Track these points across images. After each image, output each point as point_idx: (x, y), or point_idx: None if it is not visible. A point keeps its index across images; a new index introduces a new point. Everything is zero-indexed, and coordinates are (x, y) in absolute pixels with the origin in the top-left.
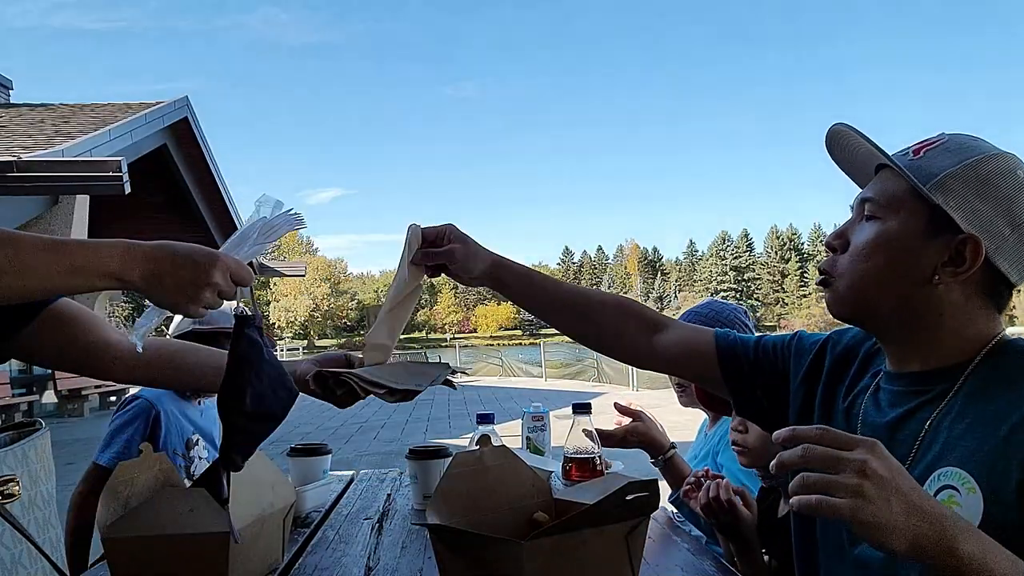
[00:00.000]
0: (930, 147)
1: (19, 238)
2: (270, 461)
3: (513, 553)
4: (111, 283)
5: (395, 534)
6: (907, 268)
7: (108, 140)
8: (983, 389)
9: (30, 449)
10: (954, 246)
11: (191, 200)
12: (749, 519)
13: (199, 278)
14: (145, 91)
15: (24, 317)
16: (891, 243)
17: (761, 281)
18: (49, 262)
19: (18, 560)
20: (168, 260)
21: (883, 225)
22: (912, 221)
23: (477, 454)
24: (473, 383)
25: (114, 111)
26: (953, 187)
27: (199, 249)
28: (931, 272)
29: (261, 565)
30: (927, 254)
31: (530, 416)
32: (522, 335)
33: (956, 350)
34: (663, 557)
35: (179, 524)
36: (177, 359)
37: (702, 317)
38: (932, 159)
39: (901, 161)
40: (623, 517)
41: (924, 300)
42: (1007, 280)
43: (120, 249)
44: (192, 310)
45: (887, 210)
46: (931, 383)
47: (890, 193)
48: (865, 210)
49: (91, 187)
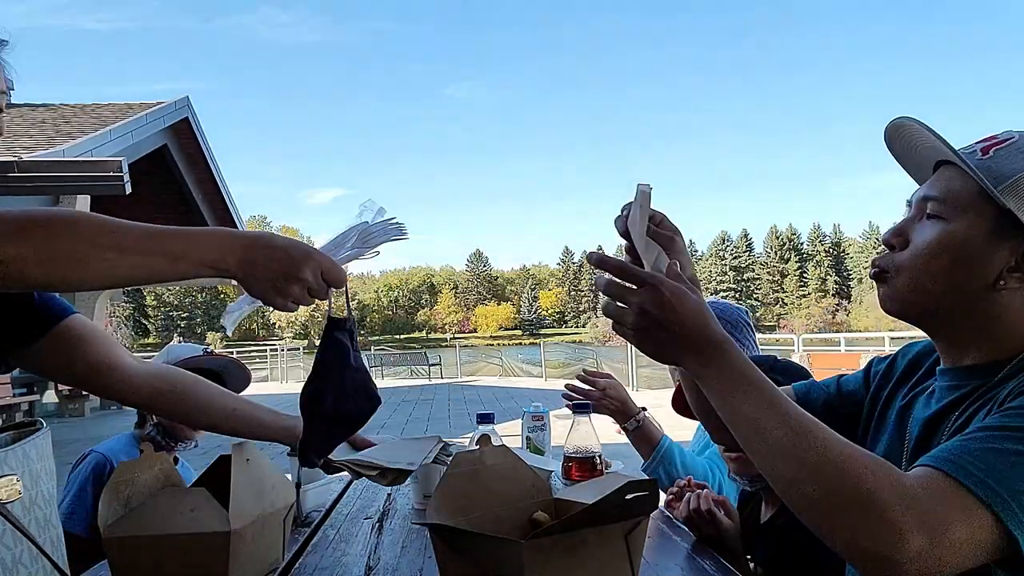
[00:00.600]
0: (1000, 146)
1: (125, 225)
2: (270, 461)
3: (513, 553)
4: (208, 271)
5: (395, 534)
6: (972, 272)
7: (109, 140)
8: (1010, 377)
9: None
10: (1020, 251)
11: (191, 200)
12: (732, 529)
13: (291, 272)
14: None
15: (38, 329)
16: (957, 245)
17: (761, 281)
18: (151, 248)
19: (19, 560)
20: (264, 249)
21: (948, 226)
22: (980, 223)
23: (477, 454)
24: (473, 383)
25: (115, 111)
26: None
27: (296, 244)
28: (996, 277)
29: (261, 565)
30: (993, 259)
31: (530, 416)
32: (522, 335)
33: (1008, 348)
34: (663, 557)
35: (179, 524)
36: (181, 391)
37: (719, 309)
38: (1003, 159)
39: (970, 159)
40: (623, 517)
41: (985, 304)
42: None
43: (219, 237)
44: (280, 303)
45: (952, 210)
46: (976, 378)
47: (956, 193)
48: (928, 208)
49: (92, 187)
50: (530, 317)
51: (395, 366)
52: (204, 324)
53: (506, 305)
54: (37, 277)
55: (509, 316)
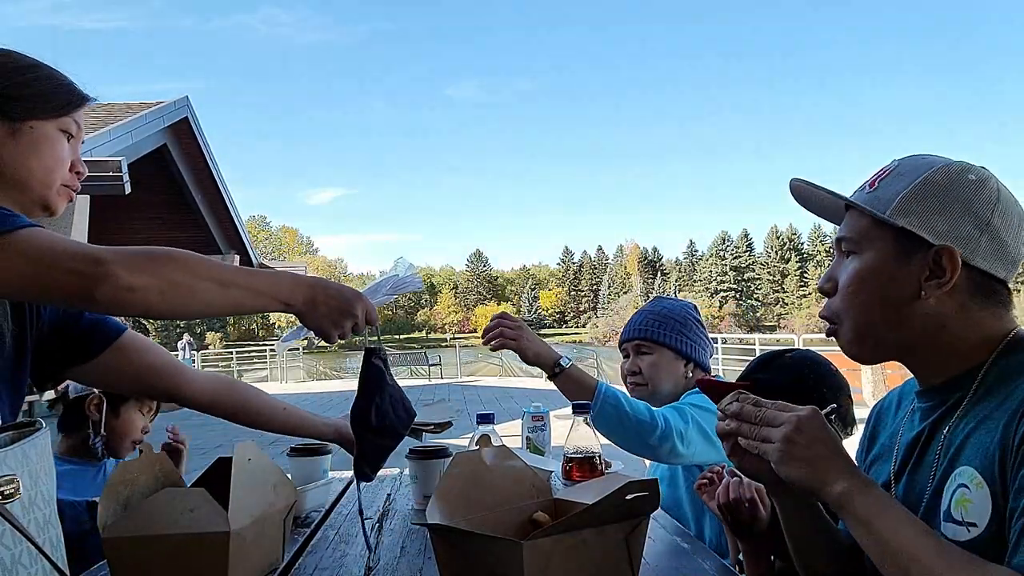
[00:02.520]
0: (883, 176)
1: (220, 263)
2: (271, 461)
3: (513, 553)
4: (279, 306)
5: (395, 534)
6: (893, 293)
7: (108, 140)
8: (993, 387)
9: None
10: (930, 260)
11: (191, 200)
12: (765, 519)
13: (346, 309)
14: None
15: (98, 345)
16: (872, 274)
17: (761, 281)
18: (242, 283)
19: (18, 560)
20: (323, 291)
21: (861, 260)
22: (885, 248)
23: (477, 454)
24: (473, 383)
25: (114, 111)
26: (911, 207)
27: (347, 288)
28: (917, 289)
29: (261, 565)
30: (907, 274)
31: (530, 416)
32: None
33: (969, 356)
34: (663, 557)
35: (179, 524)
36: (239, 392)
37: (655, 315)
38: (886, 187)
39: (859, 197)
40: (623, 517)
41: (921, 317)
42: (996, 277)
43: (290, 279)
44: (333, 335)
45: (861, 244)
46: (950, 392)
47: (860, 228)
48: (844, 248)
49: (91, 187)
50: (530, 317)
51: (395, 366)
52: (203, 324)
53: (506, 305)
54: (156, 304)
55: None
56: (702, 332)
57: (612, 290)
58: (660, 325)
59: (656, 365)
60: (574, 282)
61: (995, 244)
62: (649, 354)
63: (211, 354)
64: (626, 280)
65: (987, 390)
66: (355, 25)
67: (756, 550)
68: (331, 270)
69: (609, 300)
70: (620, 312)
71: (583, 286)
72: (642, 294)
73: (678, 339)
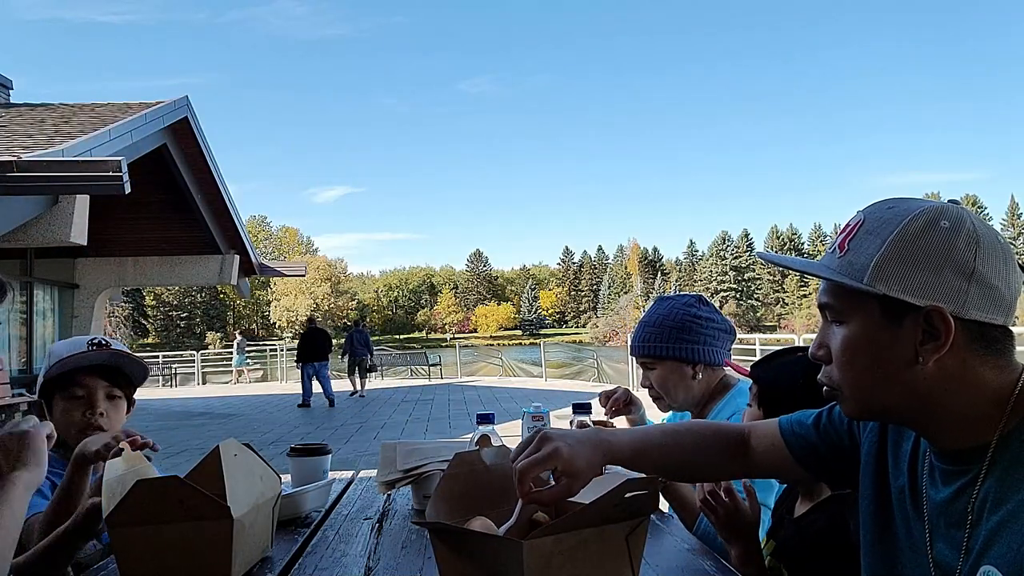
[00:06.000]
0: (852, 235)
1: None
2: (254, 454)
3: (513, 553)
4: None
5: (395, 534)
6: (889, 361)
7: (108, 140)
8: (1016, 466)
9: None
10: (921, 323)
11: (191, 200)
12: (751, 517)
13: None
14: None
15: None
16: (864, 344)
17: (761, 281)
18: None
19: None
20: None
21: (848, 328)
22: (870, 317)
23: (477, 454)
24: (473, 383)
25: (114, 111)
26: (888, 270)
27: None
28: (914, 355)
29: (256, 550)
30: (901, 341)
31: (530, 416)
32: (522, 335)
33: (982, 418)
34: (663, 557)
35: (184, 513)
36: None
37: (652, 327)
38: (858, 249)
39: (831, 263)
40: (623, 517)
41: (924, 382)
42: (994, 325)
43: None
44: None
45: (845, 312)
46: (967, 462)
47: (840, 295)
48: (828, 316)
49: (91, 187)
50: (530, 317)
51: (395, 366)
52: (203, 324)
53: (506, 305)
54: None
55: (509, 316)
56: (704, 327)
57: (612, 290)
58: (657, 338)
59: (664, 378)
60: (574, 282)
61: (985, 291)
62: (654, 369)
63: (211, 354)
64: (626, 280)
65: (1012, 469)
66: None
67: (748, 550)
68: (331, 270)
69: (609, 300)
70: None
71: (583, 286)
72: (642, 294)
73: (677, 348)
